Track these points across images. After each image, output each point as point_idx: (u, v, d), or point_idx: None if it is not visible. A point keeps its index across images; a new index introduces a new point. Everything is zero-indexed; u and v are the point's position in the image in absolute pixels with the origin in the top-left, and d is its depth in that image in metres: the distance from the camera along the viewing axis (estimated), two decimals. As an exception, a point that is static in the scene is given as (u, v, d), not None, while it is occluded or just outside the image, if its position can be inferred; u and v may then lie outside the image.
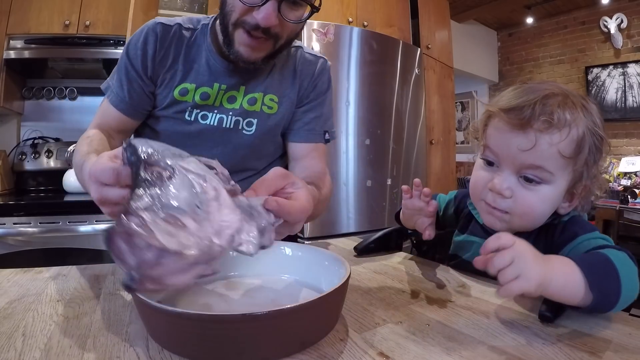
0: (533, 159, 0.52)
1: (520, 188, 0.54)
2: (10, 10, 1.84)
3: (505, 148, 0.54)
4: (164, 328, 0.36)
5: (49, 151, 2.08)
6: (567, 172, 0.54)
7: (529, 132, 0.51)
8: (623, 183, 3.37)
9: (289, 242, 0.55)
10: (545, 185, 0.53)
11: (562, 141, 0.51)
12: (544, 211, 0.56)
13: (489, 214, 0.58)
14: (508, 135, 0.53)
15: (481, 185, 0.58)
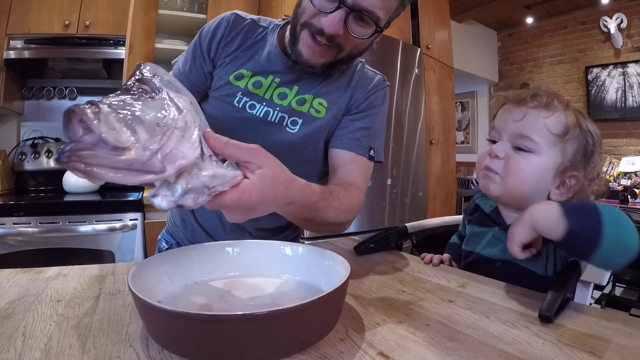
0: (523, 129, 0.64)
1: (512, 153, 0.65)
2: (10, 10, 1.84)
3: (504, 122, 0.67)
4: (164, 328, 0.36)
5: (49, 151, 2.08)
6: (554, 149, 0.64)
7: (522, 107, 0.65)
8: (623, 183, 3.37)
9: (289, 242, 0.55)
10: (533, 155, 0.64)
11: (548, 117, 0.63)
12: (529, 177, 0.64)
13: (484, 178, 0.68)
14: (507, 111, 0.67)
15: (483, 156, 0.70)
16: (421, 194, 2.50)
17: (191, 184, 0.37)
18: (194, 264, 0.51)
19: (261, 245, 0.55)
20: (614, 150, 3.78)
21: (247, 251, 0.54)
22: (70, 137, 0.33)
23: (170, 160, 0.37)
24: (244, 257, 0.54)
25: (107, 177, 0.35)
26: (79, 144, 0.33)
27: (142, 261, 0.45)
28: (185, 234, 0.84)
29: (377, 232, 0.79)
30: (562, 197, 0.64)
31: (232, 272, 0.53)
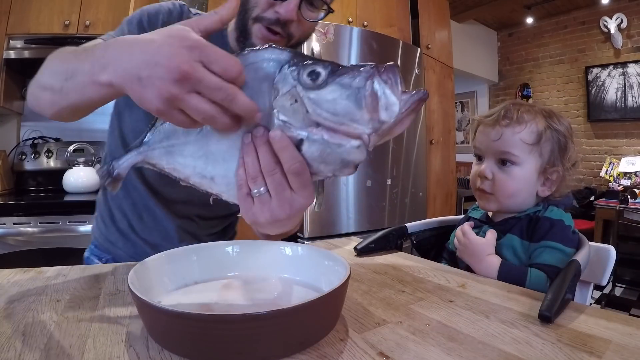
0: (501, 146, 0.73)
1: (498, 171, 0.74)
2: (10, 10, 1.84)
3: (485, 142, 0.76)
4: (164, 328, 0.36)
5: (49, 151, 2.08)
6: (532, 156, 0.73)
7: (497, 127, 0.74)
8: (623, 183, 3.37)
9: (289, 242, 0.55)
10: (515, 166, 0.73)
11: (521, 131, 0.72)
12: (518, 189, 0.73)
13: (479, 198, 0.79)
14: (485, 133, 0.76)
15: (474, 177, 0.79)
16: (421, 194, 2.50)
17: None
18: (194, 264, 0.51)
19: (261, 245, 0.55)
20: (614, 150, 3.78)
21: (247, 251, 0.54)
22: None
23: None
24: (244, 257, 0.54)
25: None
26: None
27: (142, 261, 0.45)
28: (126, 250, 0.78)
29: (377, 232, 0.79)
30: (548, 191, 0.74)
31: (232, 272, 0.53)
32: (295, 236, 2.04)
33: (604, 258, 0.69)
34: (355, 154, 0.36)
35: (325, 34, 2.00)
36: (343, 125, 0.35)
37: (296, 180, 0.38)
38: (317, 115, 0.36)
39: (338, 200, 2.07)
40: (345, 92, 0.35)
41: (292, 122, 0.37)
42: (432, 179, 2.72)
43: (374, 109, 0.34)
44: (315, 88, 0.35)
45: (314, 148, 0.37)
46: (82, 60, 0.42)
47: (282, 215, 0.40)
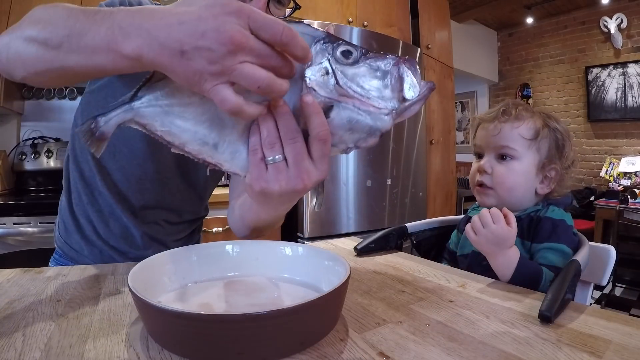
0: (500, 141, 0.75)
1: (497, 165, 0.76)
2: (10, 10, 1.84)
3: (484, 138, 0.78)
4: (164, 328, 0.36)
5: (49, 151, 2.08)
6: (530, 151, 0.74)
7: (496, 123, 0.76)
8: (623, 183, 3.37)
9: (289, 242, 0.55)
10: (514, 160, 0.75)
11: (519, 126, 0.74)
12: (517, 182, 0.74)
13: (478, 194, 0.79)
14: (485, 129, 0.78)
15: (474, 173, 0.80)
16: (421, 194, 2.50)
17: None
18: (194, 264, 0.51)
19: (261, 245, 0.55)
20: (614, 150, 3.78)
21: (247, 251, 0.54)
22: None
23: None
24: (244, 257, 0.54)
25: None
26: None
27: (142, 261, 0.45)
28: (92, 258, 0.75)
29: (377, 232, 0.79)
30: (547, 189, 0.75)
31: (232, 272, 0.53)
32: (296, 236, 2.04)
33: (604, 258, 0.69)
34: (384, 121, 0.38)
35: (325, 34, 2.00)
36: (370, 99, 0.38)
37: (319, 149, 0.38)
38: (347, 87, 0.38)
39: (338, 200, 2.07)
40: (375, 72, 0.38)
41: (320, 90, 0.38)
42: (432, 179, 2.72)
43: (398, 90, 0.38)
44: (347, 64, 0.38)
45: (343, 114, 0.38)
46: (95, 21, 0.36)
47: (298, 186, 0.39)
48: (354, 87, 0.38)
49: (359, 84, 0.38)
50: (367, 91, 0.38)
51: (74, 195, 0.76)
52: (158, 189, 0.75)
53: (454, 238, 0.87)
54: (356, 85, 0.38)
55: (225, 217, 0.85)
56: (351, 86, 0.38)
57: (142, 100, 0.39)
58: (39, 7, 0.43)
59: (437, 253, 0.92)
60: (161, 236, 0.79)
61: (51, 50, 0.39)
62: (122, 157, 0.72)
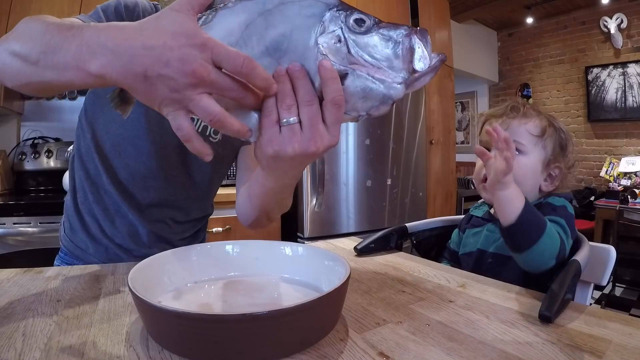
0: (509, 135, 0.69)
1: None
2: (10, 10, 1.84)
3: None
4: (164, 328, 0.36)
5: (49, 151, 2.08)
6: (537, 148, 0.76)
7: (504, 118, 0.77)
8: (623, 183, 3.37)
9: (289, 242, 0.55)
10: (522, 155, 0.75)
11: (527, 123, 0.76)
12: (525, 176, 0.74)
13: (485, 189, 0.76)
14: (492, 124, 0.73)
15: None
16: (421, 194, 2.50)
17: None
18: (194, 264, 0.51)
19: (261, 245, 0.55)
20: (614, 150, 3.78)
21: (247, 251, 0.54)
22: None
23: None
24: (244, 257, 0.54)
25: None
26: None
27: (142, 261, 0.45)
28: (98, 256, 0.76)
29: (377, 232, 0.79)
30: (550, 187, 0.77)
31: (232, 272, 0.53)
32: (295, 236, 2.04)
33: (604, 258, 0.69)
34: (397, 89, 0.39)
35: (325, 34, 2.00)
36: (380, 69, 0.39)
37: (333, 113, 0.39)
38: (358, 56, 0.39)
39: (338, 200, 2.07)
40: (387, 42, 0.39)
41: (332, 58, 0.39)
42: (432, 179, 2.72)
43: (409, 60, 0.39)
44: (359, 33, 0.39)
45: (358, 82, 0.39)
46: (67, 38, 0.38)
47: (310, 148, 0.40)
48: (366, 57, 0.39)
49: (370, 53, 0.39)
50: (378, 61, 0.39)
51: (80, 194, 0.76)
52: (164, 187, 0.75)
53: (455, 237, 0.87)
54: (367, 54, 0.39)
55: (225, 217, 0.85)
56: (362, 55, 0.39)
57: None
58: (24, 20, 0.46)
59: (437, 253, 0.92)
60: (167, 235, 0.79)
61: (30, 65, 0.41)
62: (127, 155, 0.72)
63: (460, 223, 0.87)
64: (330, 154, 2.02)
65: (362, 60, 0.39)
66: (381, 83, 0.39)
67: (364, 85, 0.39)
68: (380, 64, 0.39)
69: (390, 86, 0.39)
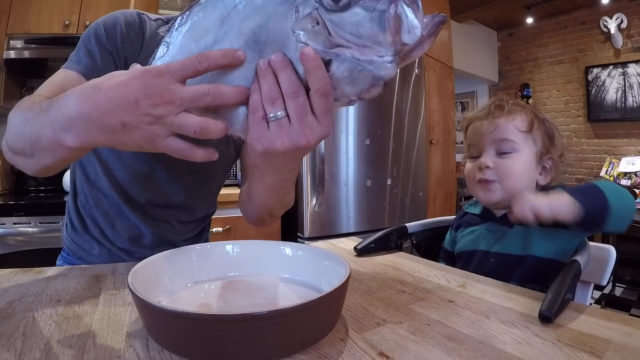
0: (499, 135, 0.74)
1: (499, 159, 0.75)
2: (10, 10, 1.84)
3: (480, 136, 0.77)
4: (164, 328, 0.36)
5: (49, 151, 2.08)
6: (528, 143, 0.74)
7: (491, 119, 0.76)
8: (623, 183, 3.37)
9: (289, 242, 0.55)
10: (515, 153, 0.74)
11: (514, 119, 0.75)
12: (521, 171, 0.74)
13: (482, 190, 0.76)
14: (479, 128, 0.77)
15: (472, 171, 0.78)
16: (421, 194, 2.50)
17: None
18: (194, 264, 0.51)
19: (261, 245, 0.55)
20: (614, 150, 3.78)
21: (247, 251, 0.54)
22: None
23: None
24: (244, 257, 0.54)
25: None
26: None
27: (142, 261, 0.45)
28: (101, 257, 0.76)
29: (377, 232, 0.79)
30: (546, 180, 0.76)
31: (232, 272, 0.53)
32: (295, 236, 2.04)
33: (604, 258, 0.69)
34: (387, 69, 0.36)
35: (325, 34, 2.00)
36: (366, 47, 0.35)
37: (321, 103, 0.37)
38: (340, 37, 0.35)
39: (338, 200, 2.07)
40: (369, 15, 0.34)
41: (313, 44, 0.36)
42: (432, 179, 2.72)
43: (397, 32, 0.34)
44: (337, 10, 0.35)
45: (343, 67, 0.36)
46: (41, 124, 0.41)
47: (301, 142, 0.38)
48: (348, 36, 0.35)
49: (352, 31, 0.35)
50: (362, 39, 0.35)
51: (80, 197, 0.76)
52: (166, 187, 0.75)
53: (449, 237, 0.87)
54: (350, 33, 0.35)
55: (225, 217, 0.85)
56: (344, 35, 0.35)
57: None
58: (11, 113, 0.51)
59: (437, 253, 0.92)
60: (171, 236, 0.79)
61: (30, 158, 0.45)
62: (128, 158, 0.72)
63: (453, 222, 0.87)
64: (330, 154, 2.02)
65: (345, 40, 0.35)
66: (369, 64, 0.35)
67: (351, 68, 0.36)
68: (365, 42, 0.35)
69: (380, 66, 0.35)
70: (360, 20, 0.35)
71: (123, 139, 0.37)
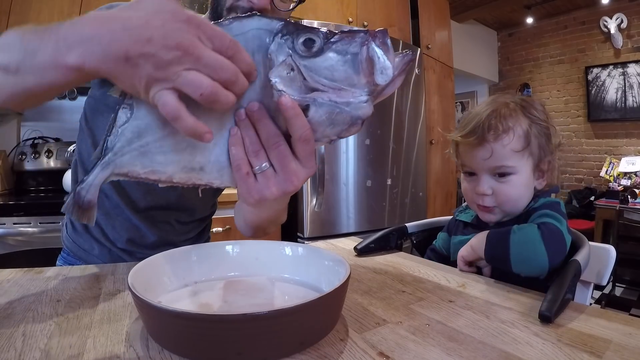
0: (495, 162, 0.69)
1: (497, 184, 0.70)
2: (10, 10, 1.84)
3: (475, 162, 0.71)
4: (164, 328, 0.36)
5: (49, 151, 2.08)
6: (524, 159, 0.69)
7: (485, 145, 0.69)
8: (623, 183, 3.37)
9: (289, 242, 0.55)
10: (513, 175, 0.69)
11: (510, 142, 0.68)
12: (520, 194, 0.71)
13: (484, 212, 0.73)
14: (473, 153, 0.71)
15: (470, 193, 0.74)
16: (421, 194, 2.50)
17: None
18: (194, 264, 0.51)
19: (261, 245, 0.55)
20: (614, 150, 3.78)
21: (247, 251, 0.54)
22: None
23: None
24: (244, 257, 0.54)
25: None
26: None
27: (142, 261, 0.45)
28: (102, 257, 0.76)
29: (377, 232, 0.79)
30: (542, 183, 0.72)
31: (232, 272, 0.53)
32: (295, 236, 2.04)
33: (604, 258, 0.69)
34: (364, 108, 0.37)
35: (325, 34, 2.00)
36: (342, 90, 0.36)
37: (304, 149, 0.37)
38: (315, 82, 0.36)
39: (338, 200, 2.07)
40: (342, 58, 0.35)
41: (289, 91, 0.36)
42: (432, 179, 2.72)
43: (370, 73, 0.35)
44: (311, 56, 0.36)
45: (322, 111, 0.37)
46: (44, 39, 0.36)
47: (289, 188, 0.39)
48: (323, 81, 0.36)
49: (327, 76, 0.36)
50: (339, 82, 0.36)
51: None
52: (167, 189, 0.75)
53: (441, 241, 0.84)
54: (325, 77, 0.36)
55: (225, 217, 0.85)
56: (319, 80, 0.36)
57: (114, 151, 0.38)
58: (3, 33, 0.43)
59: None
60: (172, 236, 0.79)
61: (12, 75, 0.38)
62: None
63: (447, 226, 0.85)
64: (330, 154, 2.02)
65: (321, 85, 0.36)
66: (346, 106, 0.36)
67: (329, 111, 0.36)
68: (340, 85, 0.36)
69: (357, 107, 0.36)
70: (334, 64, 0.36)
71: (121, 72, 0.33)
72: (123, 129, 0.38)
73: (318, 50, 0.36)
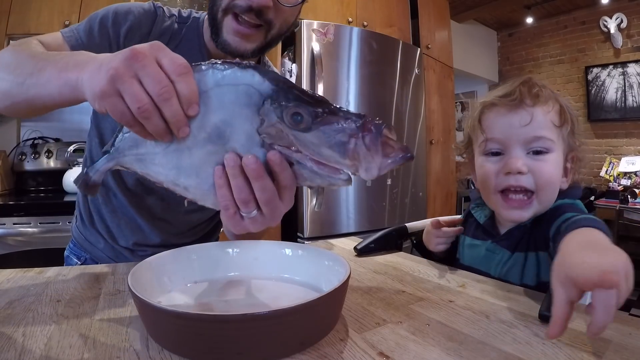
0: (534, 131, 0.58)
1: (534, 162, 0.58)
2: (10, 10, 1.84)
3: (509, 129, 0.59)
4: (164, 328, 0.36)
5: (49, 151, 2.08)
6: (560, 140, 0.60)
7: (525, 108, 0.59)
8: (623, 183, 3.37)
9: (289, 242, 0.55)
10: (551, 153, 0.59)
11: (550, 111, 0.59)
12: (557, 179, 0.60)
13: (511, 208, 0.60)
14: (508, 117, 0.59)
15: (493, 176, 0.61)
16: (421, 194, 2.50)
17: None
18: (194, 264, 0.51)
19: (261, 245, 0.55)
20: (614, 150, 3.78)
21: (247, 251, 0.54)
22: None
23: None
24: (244, 257, 0.54)
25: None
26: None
27: (142, 261, 0.45)
28: (106, 252, 0.78)
29: (377, 232, 0.79)
30: (567, 183, 0.63)
31: (232, 272, 0.53)
32: (295, 236, 2.04)
33: (604, 258, 0.68)
34: (343, 183, 0.38)
35: (325, 34, 2.00)
36: (325, 166, 0.37)
37: (288, 194, 0.40)
38: (302, 148, 0.37)
39: (338, 200, 2.07)
40: (329, 142, 0.36)
41: (278, 144, 0.38)
42: (432, 179, 2.72)
43: (355, 160, 0.35)
44: (299, 130, 0.36)
45: (304, 171, 0.38)
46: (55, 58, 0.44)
47: (273, 224, 0.42)
48: (309, 151, 0.37)
49: (313, 150, 0.37)
50: (323, 157, 0.37)
51: None
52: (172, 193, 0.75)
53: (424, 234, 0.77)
54: (310, 150, 0.37)
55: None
56: (305, 149, 0.37)
57: (119, 150, 0.43)
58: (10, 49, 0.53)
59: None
60: (176, 239, 0.79)
61: (16, 86, 0.47)
62: None
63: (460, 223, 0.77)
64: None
65: (308, 153, 0.37)
66: (327, 176, 0.37)
67: (310, 175, 0.38)
68: (324, 160, 0.37)
69: (337, 180, 0.37)
70: (321, 144, 0.36)
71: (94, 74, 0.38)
72: (127, 136, 0.43)
73: (307, 127, 0.36)
